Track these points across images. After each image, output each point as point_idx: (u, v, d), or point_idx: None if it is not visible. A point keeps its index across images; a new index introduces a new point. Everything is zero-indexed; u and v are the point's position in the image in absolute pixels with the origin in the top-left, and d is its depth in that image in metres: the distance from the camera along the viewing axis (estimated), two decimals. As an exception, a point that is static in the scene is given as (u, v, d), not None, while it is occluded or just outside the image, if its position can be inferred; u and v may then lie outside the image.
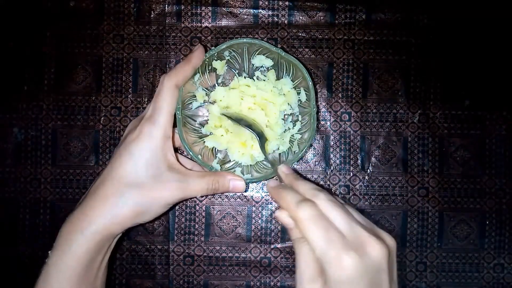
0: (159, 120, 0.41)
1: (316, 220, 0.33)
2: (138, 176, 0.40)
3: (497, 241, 0.53)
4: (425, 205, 0.53)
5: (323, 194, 0.35)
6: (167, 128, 0.41)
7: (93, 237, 0.39)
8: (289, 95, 0.48)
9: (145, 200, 0.40)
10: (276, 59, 0.48)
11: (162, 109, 0.41)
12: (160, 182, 0.41)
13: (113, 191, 0.40)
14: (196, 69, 0.44)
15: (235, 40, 0.45)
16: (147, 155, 0.40)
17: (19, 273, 0.52)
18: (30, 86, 0.53)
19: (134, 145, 0.41)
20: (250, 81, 0.49)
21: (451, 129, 0.53)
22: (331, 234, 0.32)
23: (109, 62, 0.53)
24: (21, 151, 0.53)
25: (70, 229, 0.39)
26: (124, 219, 0.40)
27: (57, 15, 0.53)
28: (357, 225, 0.33)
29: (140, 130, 0.41)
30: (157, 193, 0.41)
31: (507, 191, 0.53)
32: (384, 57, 0.54)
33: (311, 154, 0.54)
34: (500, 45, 0.53)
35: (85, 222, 0.39)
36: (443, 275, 0.53)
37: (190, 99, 0.48)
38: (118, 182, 0.40)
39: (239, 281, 0.53)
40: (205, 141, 0.48)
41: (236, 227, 0.53)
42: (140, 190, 0.40)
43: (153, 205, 0.41)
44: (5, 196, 0.53)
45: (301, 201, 0.34)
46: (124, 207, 0.40)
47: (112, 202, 0.40)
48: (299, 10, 0.54)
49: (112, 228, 0.40)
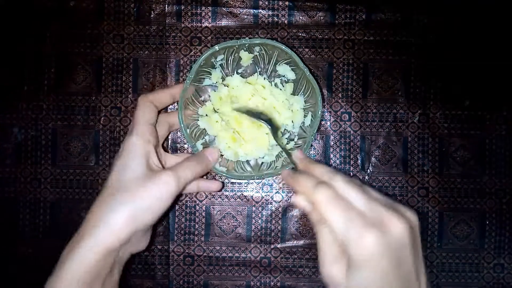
0: (135, 130, 0.42)
1: (335, 201, 0.33)
2: (125, 181, 0.39)
3: (497, 241, 0.53)
4: (425, 205, 0.53)
5: (339, 175, 0.35)
6: (144, 135, 0.42)
7: (90, 254, 0.36)
8: (296, 114, 0.49)
9: (139, 200, 0.38)
10: (299, 75, 0.49)
11: (138, 122, 0.43)
12: (149, 180, 0.39)
13: (105, 200, 0.38)
14: (173, 96, 0.46)
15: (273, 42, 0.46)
16: (130, 162, 0.40)
17: (19, 273, 0.52)
18: (30, 86, 0.53)
19: (118, 158, 0.41)
20: (268, 84, 0.50)
21: (451, 129, 0.53)
22: (351, 214, 0.32)
23: (109, 62, 0.53)
24: (21, 151, 0.53)
25: (69, 249, 0.37)
26: (117, 226, 0.37)
27: (57, 15, 0.53)
28: (376, 203, 0.33)
29: (122, 145, 0.42)
30: (152, 190, 0.39)
31: (507, 191, 0.53)
32: (384, 57, 0.54)
33: (311, 154, 0.54)
34: (500, 45, 0.53)
35: (82, 238, 0.37)
36: (443, 275, 0.53)
37: (204, 75, 0.49)
38: (111, 190, 0.39)
39: (239, 281, 0.53)
40: (198, 119, 0.49)
41: (236, 227, 0.53)
42: (130, 191, 0.38)
43: (147, 202, 0.39)
44: (5, 196, 0.53)
45: (317, 184, 0.34)
46: (116, 214, 0.37)
47: (104, 212, 0.38)
48: (299, 10, 0.54)
49: (106, 242, 0.36)
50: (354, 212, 0.32)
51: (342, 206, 0.32)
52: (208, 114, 0.50)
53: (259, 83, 0.50)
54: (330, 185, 0.34)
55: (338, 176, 0.35)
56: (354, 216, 0.32)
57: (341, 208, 0.32)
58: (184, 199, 0.53)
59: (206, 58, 0.47)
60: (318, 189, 0.34)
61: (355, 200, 0.33)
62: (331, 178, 0.35)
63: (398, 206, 0.34)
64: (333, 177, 0.35)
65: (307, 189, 0.35)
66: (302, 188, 0.36)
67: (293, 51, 0.53)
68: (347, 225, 0.31)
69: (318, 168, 0.38)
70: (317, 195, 0.33)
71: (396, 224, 0.31)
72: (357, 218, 0.31)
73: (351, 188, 0.34)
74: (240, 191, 0.53)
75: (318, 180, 0.35)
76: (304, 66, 0.46)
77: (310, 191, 0.34)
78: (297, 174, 0.38)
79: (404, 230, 0.31)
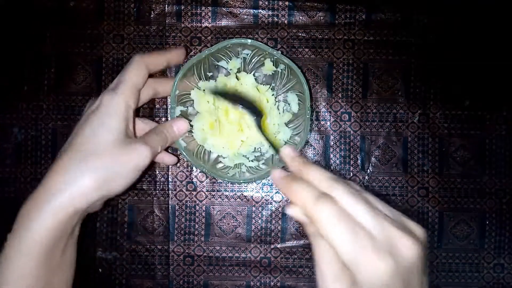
0: (121, 90, 0.39)
1: (340, 219, 0.29)
2: (99, 142, 0.37)
3: (497, 241, 0.53)
4: (425, 205, 0.53)
5: (341, 185, 0.31)
6: (128, 97, 0.39)
7: (55, 214, 0.35)
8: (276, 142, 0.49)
9: (109, 166, 0.37)
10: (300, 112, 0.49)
11: (125, 81, 0.40)
12: (123, 147, 0.38)
13: (72, 161, 0.36)
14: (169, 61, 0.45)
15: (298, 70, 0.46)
16: (108, 121, 0.38)
17: (19, 273, 0.52)
18: (30, 86, 0.53)
19: (94, 114, 0.38)
20: (272, 102, 0.50)
21: (451, 129, 0.53)
22: (359, 236, 0.28)
23: (109, 62, 0.53)
24: (21, 151, 0.53)
25: (30, 207, 0.35)
26: (87, 189, 0.36)
27: (57, 15, 0.53)
28: (385, 221, 0.29)
29: (101, 100, 0.39)
30: (124, 157, 0.37)
31: (507, 191, 0.53)
32: (384, 57, 0.54)
33: (311, 154, 0.54)
34: (500, 45, 0.53)
35: (45, 197, 0.35)
36: (443, 275, 0.53)
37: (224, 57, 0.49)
38: (78, 150, 0.37)
39: (239, 281, 0.53)
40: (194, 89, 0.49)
41: (236, 227, 0.53)
42: (103, 157, 0.36)
43: (120, 171, 0.37)
44: (5, 196, 0.53)
45: (318, 197, 0.30)
46: (85, 176, 0.36)
47: (72, 172, 0.36)
48: (299, 10, 0.54)
49: (74, 203, 0.36)
50: (363, 234, 0.28)
51: (348, 226, 0.28)
52: (206, 90, 0.49)
53: (266, 95, 0.50)
54: (332, 197, 0.30)
55: (340, 186, 0.30)
56: (364, 239, 0.28)
57: (348, 228, 0.28)
58: (184, 199, 0.53)
59: (234, 44, 0.47)
60: (320, 205, 0.29)
61: (363, 217, 0.29)
62: (332, 187, 0.30)
63: (406, 221, 0.31)
64: (335, 187, 0.30)
65: (305, 202, 0.30)
66: (299, 200, 0.31)
67: (293, 51, 0.53)
68: (356, 249, 0.28)
69: (315, 172, 0.32)
70: (319, 212, 0.29)
71: (408, 247, 0.29)
72: (366, 241, 0.28)
73: (357, 202, 0.30)
74: (240, 191, 0.53)
75: (317, 190, 0.31)
76: (309, 108, 0.46)
77: (309, 205, 0.30)
78: (291, 178, 0.33)
79: (415, 252, 0.29)
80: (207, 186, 0.53)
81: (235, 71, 0.50)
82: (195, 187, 0.53)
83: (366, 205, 0.30)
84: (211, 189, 0.53)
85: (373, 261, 0.28)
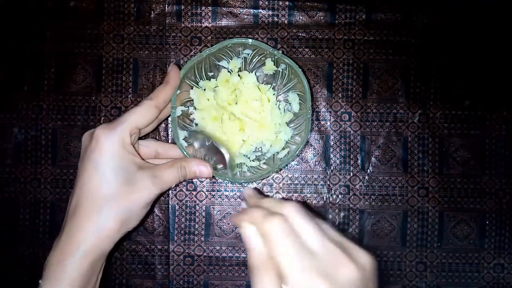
0: (117, 127, 0.41)
1: (288, 237, 0.30)
2: (110, 186, 0.39)
3: (497, 241, 0.53)
4: (425, 205, 0.53)
5: (290, 203, 0.33)
6: (125, 136, 0.41)
7: (85, 259, 0.38)
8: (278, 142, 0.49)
9: (124, 207, 0.40)
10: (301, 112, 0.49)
11: (124, 121, 0.41)
12: (133, 185, 0.40)
13: (91, 208, 0.39)
14: (176, 88, 0.45)
15: (299, 70, 0.46)
16: (111, 162, 0.40)
17: (19, 273, 0.52)
18: (30, 86, 0.53)
19: (96, 153, 0.40)
20: (273, 101, 0.50)
21: (451, 129, 0.53)
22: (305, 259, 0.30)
23: (109, 62, 0.53)
24: (21, 151, 0.53)
25: (60, 256, 0.38)
26: (110, 232, 0.39)
27: (57, 15, 0.53)
28: (329, 243, 0.31)
29: (97, 138, 0.40)
30: (134, 196, 0.40)
31: (507, 191, 0.53)
32: (384, 57, 0.54)
33: (311, 154, 0.54)
34: (500, 45, 0.53)
35: (73, 245, 0.38)
36: (443, 275, 0.53)
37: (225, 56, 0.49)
38: (93, 198, 0.39)
39: (239, 281, 0.53)
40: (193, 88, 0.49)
41: (236, 227, 0.53)
42: (117, 199, 0.39)
43: (134, 209, 0.40)
44: (5, 196, 0.53)
45: (269, 214, 0.32)
46: (107, 221, 0.39)
47: (94, 219, 0.39)
48: (299, 10, 0.54)
49: (102, 246, 0.39)
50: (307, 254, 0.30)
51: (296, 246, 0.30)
52: (207, 89, 0.49)
53: (267, 94, 0.50)
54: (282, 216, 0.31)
55: (289, 205, 0.32)
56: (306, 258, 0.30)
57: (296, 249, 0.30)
58: (184, 199, 0.53)
59: (235, 43, 0.47)
60: (271, 219, 0.31)
61: (309, 237, 0.31)
62: (282, 206, 0.32)
63: (352, 245, 0.32)
64: (284, 206, 0.32)
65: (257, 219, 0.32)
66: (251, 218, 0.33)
67: (293, 51, 0.53)
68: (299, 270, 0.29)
69: (267, 201, 0.35)
70: (269, 225, 0.31)
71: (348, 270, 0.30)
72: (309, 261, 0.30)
73: (304, 222, 0.31)
74: (240, 191, 0.53)
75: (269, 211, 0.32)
76: (310, 108, 0.46)
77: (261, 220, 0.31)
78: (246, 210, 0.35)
79: (355, 277, 0.30)
80: (207, 186, 0.53)
81: (236, 71, 0.50)
82: (195, 187, 0.53)
83: (314, 225, 0.31)
84: (211, 189, 0.53)
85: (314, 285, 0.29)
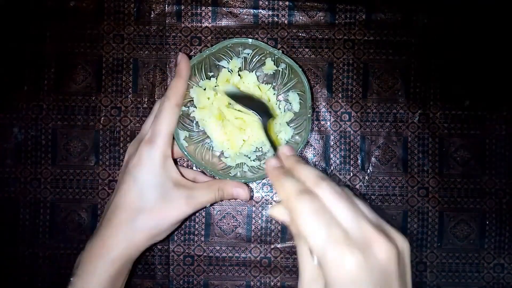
0: (157, 142, 0.42)
1: (317, 214, 0.28)
2: (146, 200, 0.42)
3: (497, 241, 0.53)
4: (425, 205, 0.53)
5: (326, 183, 0.30)
6: (166, 149, 0.43)
7: (114, 263, 0.41)
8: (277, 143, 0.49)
9: (156, 222, 0.42)
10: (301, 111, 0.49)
11: (160, 131, 0.43)
12: (168, 202, 0.42)
13: (125, 218, 0.41)
14: (187, 79, 0.45)
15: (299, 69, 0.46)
16: (150, 178, 0.42)
17: (19, 273, 0.52)
18: (30, 86, 0.53)
19: (137, 170, 0.42)
20: (274, 100, 0.50)
21: (451, 129, 0.53)
22: (333, 230, 0.27)
23: (109, 62, 0.53)
24: (21, 151, 0.53)
25: (91, 257, 0.41)
26: (140, 243, 0.42)
27: (57, 15, 0.53)
28: (364, 221, 0.29)
29: (140, 154, 0.42)
30: (168, 213, 0.42)
31: (507, 191, 0.53)
32: (384, 57, 0.54)
33: (311, 154, 0.54)
34: (500, 45, 0.53)
35: (105, 249, 0.41)
36: (443, 275, 0.53)
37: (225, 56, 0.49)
38: (129, 209, 0.42)
39: (239, 281, 0.53)
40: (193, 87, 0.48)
41: (236, 227, 0.53)
42: (151, 214, 0.42)
43: (165, 225, 0.43)
44: (5, 196, 0.53)
45: (301, 192, 0.30)
46: (138, 233, 0.42)
47: (127, 229, 0.41)
48: (299, 10, 0.54)
49: (130, 253, 0.42)
50: (337, 229, 0.28)
51: (324, 220, 0.28)
52: (207, 88, 0.49)
53: (268, 94, 0.50)
54: (315, 194, 0.30)
55: (325, 183, 0.30)
56: (336, 234, 0.27)
57: (323, 222, 0.28)
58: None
59: (235, 44, 0.47)
60: (301, 198, 0.29)
61: (341, 215, 0.29)
62: (317, 184, 0.30)
63: (389, 228, 0.30)
64: (320, 184, 0.30)
65: (288, 195, 0.30)
66: (283, 192, 0.31)
67: (293, 51, 0.53)
68: (327, 243, 0.27)
69: (305, 170, 0.32)
70: (298, 205, 0.29)
71: (383, 248, 0.28)
72: (339, 236, 0.27)
73: (338, 200, 0.29)
74: (240, 191, 0.53)
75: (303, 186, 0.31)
76: (310, 107, 0.46)
77: (291, 197, 0.30)
78: (282, 171, 0.33)
79: (391, 256, 0.28)
80: (207, 186, 0.53)
81: (236, 71, 0.50)
82: (195, 187, 0.53)
83: (348, 204, 0.29)
84: (211, 189, 0.53)
85: (342, 254, 0.27)
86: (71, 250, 0.53)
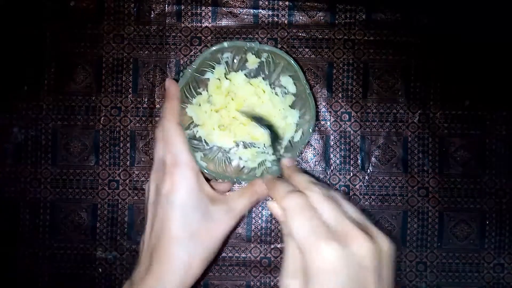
0: (184, 161, 0.41)
1: (303, 210, 0.31)
2: (191, 225, 0.40)
3: (497, 241, 0.53)
4: (425, 205, 0.53)
5: (317, 187, 0.33)
6: (194, 165, 0.41)
7: None
8: (289, 127, 0.48)
9: (206, 245, 0.40)
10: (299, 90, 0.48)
11: (181, 151, 0.41)
12: (211, 221, 0.41)
13: (175, 248, 0.39)
14: (178, 97, 0.44)
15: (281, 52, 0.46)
16: (189, 200, 0.40)
17: (19, 273, 0.52)
18: (30, 86, 0.53)
19: (174, 195, 0.40)
20: (268, 90, 0.49)
21: (451, 129, 0.53)
22: (314, 224, 0.30)
23: (109, 62, 0.53)
24: (21, 151, 0.53)
25: None
26: (197, 270, 0.40)
27: (57, 14, 0.53)
28: (347, 220, 0.31)
29: (172, 179, 0.40)
30: (213, 232, 0.41)
31: (507, 191, 0.53)
32: (384, 57, 0.54)
33: (311, 154, 0.54)
34: (500, 45, 0.53)
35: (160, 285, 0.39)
36: (443, 275, 0.53)
37: (208, 68, 0.48)
38: (175, 238, 0.39)
39: (239, 281, 0.53)
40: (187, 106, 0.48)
41: (236, 227, 0.53)
42: (199, 238, 0.40)
43: (216, 245, 0.41)
44: (5, 196, 0.53)
45: (292, 191, 0.33)
46: (193, 261, 0.40)
47: (181, 260, 0.39)
48: (299, 10, 0.54)
49: (186, 282, 0.40)
50: (319, 224, 0.30)
51: (309, 215, 0.31)
52: (201, 104, 0.49)
53: (260, 86, 0.50)
54: (305, 194, 0.33)
55: (315, 187, 0.33)
56: (319, 228, 0.30)
57: (308, 217, 0.30)
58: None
59: (212, 52, 0.46)
60: (290, 196, 0.32)
61: (325, 212, 0.31)
62: (307, 188, 0.33)
63: (372, 228, 0.31)
64: (310, 187, 0.33)
65: (279, 194, 0.33)
66: (276, 193, 0.34)
67: (293, 51, 0.53)
68: (309, 235, 0.29)
69: (299, 176, 0.36)
70: (287, 201, 0.32)
71: (360, 242, 0.29)
72: (321, 230, 0.30)
73: (324, 200, 0.32)
74: (240, 191, 0.53)
75: (294, 188, 0.34)
76: (306, 83, 0.46)
77: (281, 197, 0.33)
78: (277, 180, 0.36)
79: (368, 251, 0.29)
80: (207, 186, 0.53)
81: (223, 77, 0.49)
82: (195, 187, 0.53)
83: (333, 204, 0.32)
84: (211, 189, 0.53)
85: (322, 246, 0.29)
86: (71, 250, 0.53)
